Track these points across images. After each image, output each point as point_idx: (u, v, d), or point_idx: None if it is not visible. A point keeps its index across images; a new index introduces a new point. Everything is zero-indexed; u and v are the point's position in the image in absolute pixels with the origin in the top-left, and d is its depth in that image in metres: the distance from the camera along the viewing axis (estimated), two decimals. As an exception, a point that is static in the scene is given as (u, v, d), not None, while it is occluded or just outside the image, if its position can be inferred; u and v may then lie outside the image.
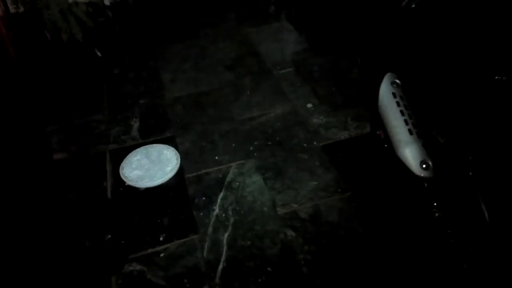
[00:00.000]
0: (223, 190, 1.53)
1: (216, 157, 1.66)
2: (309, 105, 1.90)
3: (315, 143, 1.70)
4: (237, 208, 1.46)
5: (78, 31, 2.18)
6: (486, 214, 0.93)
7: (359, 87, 1.90)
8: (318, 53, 2.22)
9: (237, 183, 1.55)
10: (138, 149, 1.66)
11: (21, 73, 1.87)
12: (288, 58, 2.23)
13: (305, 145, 1.70)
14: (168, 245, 1.36)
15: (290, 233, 1.37)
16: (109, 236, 1.36)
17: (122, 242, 1.35)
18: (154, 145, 1.68)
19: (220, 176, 1.59)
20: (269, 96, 1.97)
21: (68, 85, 2.08)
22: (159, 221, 1.43)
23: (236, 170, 1.61)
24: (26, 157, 1.33)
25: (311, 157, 1.64)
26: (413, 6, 1.14)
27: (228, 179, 1.57)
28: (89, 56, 2.26)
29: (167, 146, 1.68)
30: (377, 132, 1.34)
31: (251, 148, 1.70)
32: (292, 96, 1.96)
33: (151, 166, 1.59)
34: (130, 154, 1.64)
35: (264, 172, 1.59)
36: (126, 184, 1.54)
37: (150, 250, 1.34)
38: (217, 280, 1.25)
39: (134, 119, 1.87)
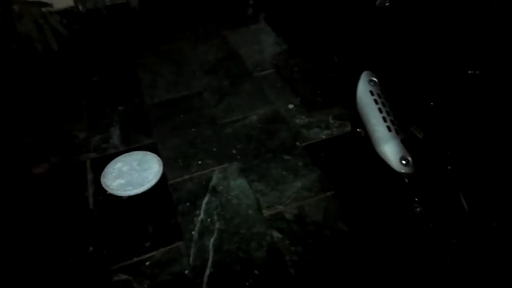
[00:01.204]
0: (207, 194, 1.52)
1: (199, 162, 1.65)
2: (291, 106, 1.90)
3: (297, 143, 1.71)
4: (222, 212, 1.46)
5: (53, 41, 2.14)
6: (466, 207, 0.95)
7: (338, 87, 1.91)
8: (297, 54, 2.23)
9: (221, 187, 1.55)
10: (119, 157, 1.64)
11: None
12: (267, 59, 2.24)
13: (287, 146, 1.70)
14: (154, 253, 1.34)
15: (276, 234, 1.37)
16: (91, 248, 1.33)
17: (105, 252, 1.33)
18: (135, 152, 1.66)
19: (204, 180, 1.57)
20: (250, 98, 1.97)
21: (46, 95, 2.03)
22: (143, 229, 1.41)
23: (219, 174, 1.60)
24: (3, 170, 1.30)
25: (294, 157, 1.65)
26: (387, 4, 1.15)
27: (212, 183, 1.56)
28: (66, 65, 2.22)
29: (149, 152, 1.66)
30: (358, 130, 1.35)
31: (234, 151, 1.69)
32: (273, 97, 1.96)
33: (133, 173, 1.56)
34: (111, 163, 1.62)
35: (248, 174, 1.59)
36: (108, 193, 1.52)
37: (135, 259, 1.32)
38: (204, 286, 1.24)
39: (114, 126, 1.84)
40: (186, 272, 1.28)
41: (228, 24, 2.55)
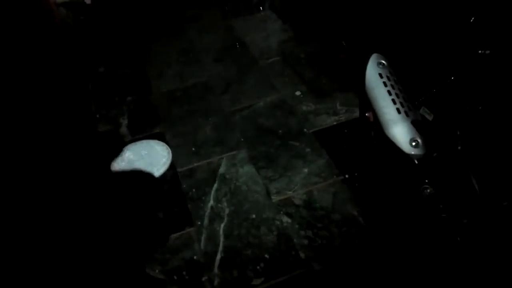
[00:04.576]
0: (216, 181, 1.53)
1: (207, 150, 1.66)
2: (298, 93, 1.90)
3: (305, 130, 1.71)
4: (232, 198, 1.47)
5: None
6: (477, 187, 0.95)
7: (346, 72, 1.90)
8: (303, 40, 2.22)
9: (230, 174, 1.55)
10: (128, 146, 1.65)
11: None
12: (274, 47, 2.23)
13: (295, 132, 1.70)
14: (165, 239, 1.35)
15: (286, 219, 1.38)
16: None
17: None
18: (144, 141, 1.67)
19: (213, 168, 1.58)
20: (257, 86, 1.97)
21: (52, 85, 2.05)
22: (154, 216, 1.42)
23: (228, 161, 1.61)
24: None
25: (302, 144, 1.65)
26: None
27: (220, 170, 1.57)
28: (72, 56, 2.23)
29: (157, 141, 1.67)
30: (366, 115, 1.35)
31: (242, 139, 1.70)
32: (280, 85, 1.96)
33: (142, 162, 1.58)
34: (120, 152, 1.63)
35: (256, 161, 1.59)
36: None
37: (147, 247, 1.34)
38: (215, 270, 1.26)
39: (123, 116, 1.85)
40: (198, 257, 1.30)
41: (234, 13, 2.53)
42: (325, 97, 1.85)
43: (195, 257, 1.30)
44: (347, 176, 1.49)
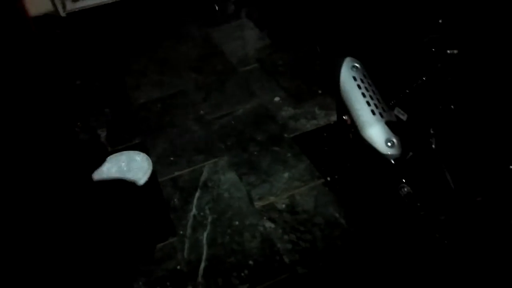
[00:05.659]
0: (198, 190, 1.53)
1: (189, 158, 1.65)
2: (277, 99, 1.92)
3: (285, 135, 1.72)
4: (214, 206, 1.46)
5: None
6: (452, 184, 0.97)
7: (322, 76, 1.93)
8: (281, 47, 2.25)
9: (212, 182, 1.55)
10: (108, 158, 1.63)
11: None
12: (251, 54, 2.25)
13: (275, 138, 1.71)
14: (148, 250, 1.34)
15: (269, 225, 1.38)
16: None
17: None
18: (124, 152, 1.66)
19: (195, 176, 1.58)
20: (236, 93, 1.98)
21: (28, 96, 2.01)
22: (135, 227, 1.41)
23: (210, 169, 1.61)
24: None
25: (283, 149, 1.66)
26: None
27: (202, 178, 1.57)
28: (47, 69, 2.20)
29: (137, 152, 1.65)
30: (344, 118, 1.37)
31: (223, 146, 1.70)
32: (259, 91, 1.97)
33: (122, 174, 1.56)
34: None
35: (238, 168, 1.60)
36: (99, 194, 1.51)
37: (129, 260, 1.32)
38: (199, 279, 1.25)
39: (101, 128, 1.83)
40: (181, 267, 1.29)
41: (210, 22, 2.55)
42: (304, 102, 1.88)
43: (178, 267, 1.29)
44: (328, 179, 1.50)
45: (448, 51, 0.96)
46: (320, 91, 1.90)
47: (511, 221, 0.90)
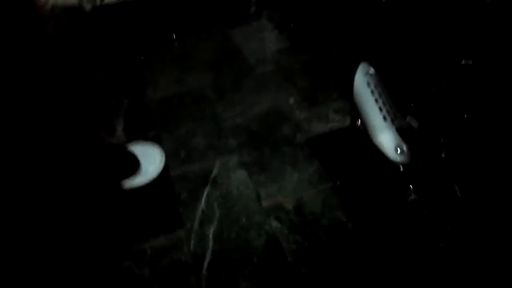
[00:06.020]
0: (208, 186, 1.55)
1: (201, 154, 1.68)
2: (291, 101, 1.93)
3: (298, 137, 1.73)
4: (223, 202, 1.49)
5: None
6: (459, 194, 0.97)
7: (337, 80, 1.94)
8: (299, 50, 2.26)
9: (222, 179, 1.58)
10: (123, 149, 1.67)
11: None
12: (269, 56, 2.27)
13: (288, 139, 1.73)
14: (155, 241, 1.37)
15: (275, 224, 1.40)
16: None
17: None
18: (139, 143, 1.70)
19: (205, 172, 1.60)
20: (252, 93, 2.00)
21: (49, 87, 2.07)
22: (145, 218, 1.44)
23: (220, 166, 1.63)
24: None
25: (294, 151, 1.67)
26: (384, -1, 1.18)
27: (212, 175, 1.59)
28: (69, 61, 2.26)
29: (152, 144, 1.69)
30: (357, 123, 1.38)
31: (235, 145, 1.72)
32: (274, 93, 1.99)
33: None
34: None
35: (248, 167, 1.62)
36: (112, 183, 1.55)
37: (137, 247, 1.35)
38: (204, 272, 1.27)
39: (119, 119, 1.88)
40: (186, 259, 1.31)
41: (231, 22, 2.58)
42: (319, 105, 1.88)
43: (184, 259, 1.31)
44: (337, 183, 1.51)
45: (463, 61, 0.96)
46: (335, 95, 1.90)
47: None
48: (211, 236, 1.37)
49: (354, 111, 1.28)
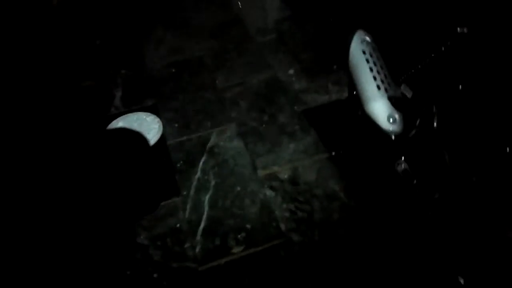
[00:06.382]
0: (204, 155, 1.56)
1: (198, 124, 1.69)
2: (291, 72, 1.91)
3: (295, 108, 1.73)
4: (219, 171, 1.50)
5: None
6: (449, 163, 0.98)
7: (336, 50, 1.91)
8: (301, 20, 2.21)
9: (218, 148, 1.59)
10: (120, 117, 1.68)
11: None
12: (271, 25, 2.23)
13: (285, 110, 1.72)
14: (151, 207, 1.40)
15: (269, 193, 1.41)
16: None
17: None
18: (136, 113, 1.71)
19: (202, 141, 1.62)
20: (251, 63, 1.98)
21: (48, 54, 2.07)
22: (142, 184, 1.46)
23: (217, 135, 1.64)
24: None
25: (292, 121, 1.67)
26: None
27: (209, 144, 1.60)
28: (68, 29, 2.24)
29: (149, 113, 1.70)
30: (355, 93, 1.36)
31: (233, 115, 1.72)
32: (274, 63, 1.97)
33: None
34: (112, 122, 1.66)
35: (245, 136, 1.62)
36: (110, 151, 1.57)
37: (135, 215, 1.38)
38: (198, 237, 1.30)
39: (117, 88, 1.88)
40: (182, 225, 1.34)
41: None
42: (318, 77, 1.86)
43: (179, 225, 1.34)
44: (333, 153, 1.51)
45: (458, 29, 0.94)
46: (335, 67, 1.88)
47: (505, 203, 0.90)
48: (206, 203, 1.40)
49: (351, 80, 1.26)
